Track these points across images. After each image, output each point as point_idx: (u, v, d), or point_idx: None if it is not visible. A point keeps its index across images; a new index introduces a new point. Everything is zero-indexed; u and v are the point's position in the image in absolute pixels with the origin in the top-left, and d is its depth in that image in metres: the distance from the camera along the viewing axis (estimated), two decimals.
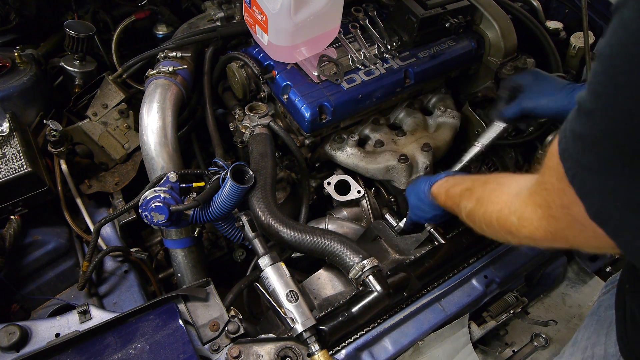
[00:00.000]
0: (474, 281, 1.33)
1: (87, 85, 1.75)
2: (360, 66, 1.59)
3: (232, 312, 1.14)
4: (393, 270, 1.27)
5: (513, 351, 1.34)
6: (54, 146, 1.54)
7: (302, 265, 1.64)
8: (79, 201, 1.60)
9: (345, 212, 1.64)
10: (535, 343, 1.34)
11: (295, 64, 1.56)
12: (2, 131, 1.44)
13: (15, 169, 1.38)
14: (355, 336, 1.18)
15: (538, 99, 1.38)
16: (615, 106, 0.53)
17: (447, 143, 1.70)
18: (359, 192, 1.61)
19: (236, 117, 1.63)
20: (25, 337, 1.09)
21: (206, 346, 1.08)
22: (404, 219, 1.46)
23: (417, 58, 1.66)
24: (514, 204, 0.86)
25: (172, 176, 1.32)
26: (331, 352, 1.13)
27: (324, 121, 1.51)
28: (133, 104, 1.75)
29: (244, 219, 1.25)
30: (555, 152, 0.66)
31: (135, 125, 1.68)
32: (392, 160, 1.55)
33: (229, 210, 1.31)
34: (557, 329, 1.38)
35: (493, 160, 1.98)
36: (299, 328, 1.08)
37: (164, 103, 1.50)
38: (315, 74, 1.52)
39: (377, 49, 1.64)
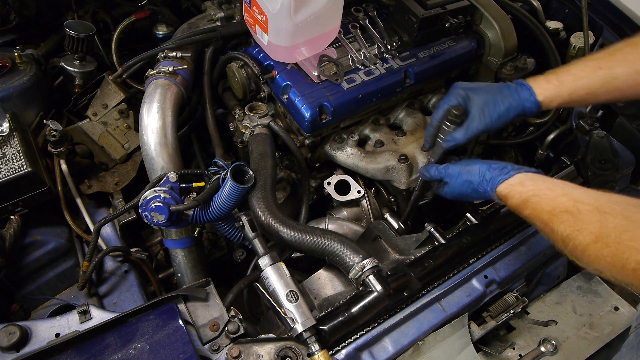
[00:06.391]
0: (474, 281, 1.33)
1: (87, 85, 1.75)
2: (360, 66, 1.59)
3: (232, 312, 1.14)
4: (393, 270, 1.27)
5: (520, 355, 1.33)
6: (54, 146, 1.54)
7: (302, 265, 1.64)
8: (79, 201, 1.60)
9: (345, 212, 1.64)
10: (543, 349, 1.32)
11: (295, 64, 1.56)
12: (2, 131, 1.44)
13: (15, 169, 1.38)
14: (355, 336, 1.17)
15: (485, 118, 1.25)
16: None
17: None
18: (359, 192, 1.61)
19: (236, 117, 1.63)
20: (25, 337, 1.09)
21: (206, 346, 1.08)
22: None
23: (417, 58, 1.66)
24: None
25: (172, 176, 1.32)
26: (331, 352, 1.13)
27: (324, 121, 1.51)
28: (133, 104, 1.74)
29: (244, 219, 1.24)
30: None
31: (135, 125, 1.68)
32: (392, 160, 1.55)
33: (229, 210, 1.31)
34: (566, 336, 1.36)
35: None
36: (299, 328, 1.08)
37: (164, 103, 1.50)
38: (315, 74, 1.52)
39: (377, 49, 1.64)
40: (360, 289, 1.21)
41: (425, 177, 1.37)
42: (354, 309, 1.16)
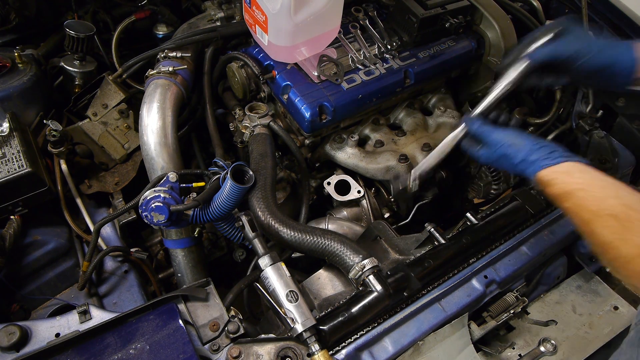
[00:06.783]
0: (474, 281, 1.33)
1: (87, 85, 1.75)
2: (360, 66, 1.59)
3: (232, 312, 1.14)
4: (393, 270, 1.27)
5: (519, 355, 1.33)
6: (54, 146, 1.54)
7: (302, 265, 1.64)
8: (79, 201, 1.60)
9: (345, 212, 1.64)
10: (543, 349, 1.32)
11: (295, 64, 1.56)
12: (2, 131, 1.44)
13: (15, 169, 1.38)
14: (355, 336, 1.17)
15: (575, 47, 1.13)
16: None
17: None
18: (359, 192, 1.61)
19: (236, 117, 1.63)
20: (25, 337, 1.09)
21: (206, 346, 1.08)
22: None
23: (417, 58, 1.66)
24: None
25: (172, 176, 1.32)
26: (331, 352, 1.13)
27: (324, 121, 1.51)
28: (133, 104, 1.75)
29: (244, 219, 1.24)
30: None
31: (135, 125, 1.68)
32: (392, 160, 1.55)
33: (229, 210, 1.31)
34: (565, 336, 1.36)
35: None
36: (299, 328, 1.08)
37: (164, 103, 1.50)
38: (315, 74, 1.52)
39: (377, 49, 1.64)
40: (360, 289, 1.21)
41: (468, 125, 1.24)
42: (354, 309, 1.16)
